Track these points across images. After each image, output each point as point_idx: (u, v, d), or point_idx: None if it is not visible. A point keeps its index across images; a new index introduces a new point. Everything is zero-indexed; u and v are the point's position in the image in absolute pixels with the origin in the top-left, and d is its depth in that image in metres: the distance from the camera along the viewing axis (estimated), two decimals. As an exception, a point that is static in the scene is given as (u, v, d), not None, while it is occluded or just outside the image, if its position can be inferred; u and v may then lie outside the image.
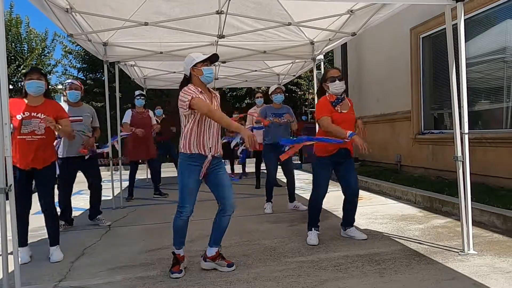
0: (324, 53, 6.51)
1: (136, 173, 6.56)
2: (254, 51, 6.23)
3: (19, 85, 12.02)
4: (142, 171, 8.71)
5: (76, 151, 4.39)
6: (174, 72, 7.99)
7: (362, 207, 4.02)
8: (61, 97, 5.05)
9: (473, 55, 6.03)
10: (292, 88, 15.12)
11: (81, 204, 6.05)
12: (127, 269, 3.24)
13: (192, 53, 3.09)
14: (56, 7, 4.07)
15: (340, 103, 3.61)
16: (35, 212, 3.64)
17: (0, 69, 2.41)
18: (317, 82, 9.22)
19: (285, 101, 5.32)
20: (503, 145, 5.46)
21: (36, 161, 3.41)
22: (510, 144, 5.35)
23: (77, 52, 14.15)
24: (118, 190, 6.17)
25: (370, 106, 9.05)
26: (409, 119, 7.68)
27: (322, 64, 6.96)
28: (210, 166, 3.01)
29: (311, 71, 7.10)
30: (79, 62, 14.46)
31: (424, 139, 7.29)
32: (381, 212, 4.99)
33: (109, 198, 6.06)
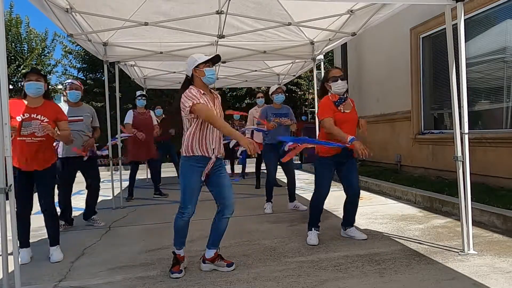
0: (324, 53, 6.51)
1: (136, 173, 6.56)
2: (254, 51, 6.23)
3: (19, 85, 12.02)
4: (142, 171, 8.70)
5: (69, 151, 4.37)
6: (174, 72, 8.00)
7: (362, 207, 4.03)
8: (61, 97, 5.05)
9: (473, 55, 6.03)
10: (292, 88, 15.11)
11: (81, 204, 6.00)
12: (127, 269, 3.24)
13: (194, 54, 3.07)
14: (56, 7, 4.07)
15: (343, 103, 3.60)
16: (35, 212, 3.63)
17: (0, 69, 2.40)
18: (317, 82, 9.23)
19: (285, 101, 5.32)
20: (503, 145, 5.46)
21: (36, 163, 3.41)
22: (510, 144, 5.35)
23: (77, 52, 14.14)
24: (118, 190, 6.17)
25: (370, 106, 9.05)
26: (409, 119, 7.68)
27: (322, 64, 6.96)
28: (213, 167, 3.02)
29: (311, 71, 7.09)
30: (79, 62, 14.45)
31: (424, 139, 7.29)
32: (381, 212, 4.99)
33: (109, 198, 6.06)
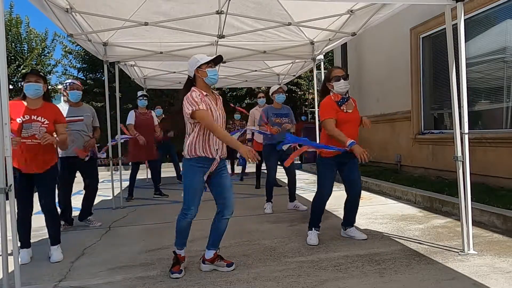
0: (324, 53, 6.51)
1: (137, 173, 6.56)
2: (254, 51, 6.23)
3: (19, 85, 12.02)
4: (142, 171, 8.70)
5: (72, 151, 4.37)
6: (174, 72, 8.00)
7: (362, 207, 4.03)
8: (61, 97, 5.04)
9: (473, 55, 6.03)
10: (292, 88, 15.12)
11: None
12: (127, 269, 3.24)
13: (196, 55, 3.05)
14: (56, 7, 4.07)
15: (345, 103, 3.59)
16: (35, 212, 3.63)
17: (0, 69, 2.40)
18: (317, 82, 9.22)
19: (285, 101, 5.32)
20: (503, 145, 5.46)
21: (36, 165, 3.39)
22: (510, 144, 5.35)
23: (77, 52, 14.15)
24: (118, 190, 6.17)
25: (370, 106, 9.05)
26: (409, 119, 7.68)
27: (322, 64, 6.96)
28: (216, 167, 3.02)
29: (311, 71, 7.10)
30: (79, 62, 14.46)
31: (424, 139, 7.29)
32: (381, 212, 4.99)
33: (109, 198, 6.06)
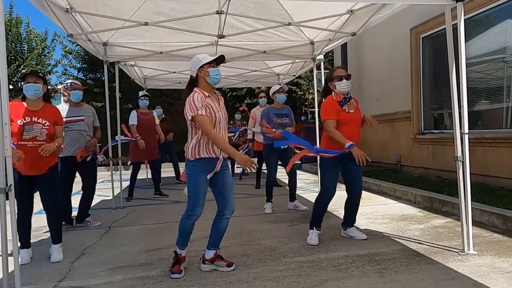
0: (324, 53, 6.51)
1: (138, 173, 6.56)
2: (254, 51, 6.23)
3: (19, 85, 12.01)
4: (142, 171, 8.69)
5: (73, 151, 4.37)
6: (174, 72, 8.00)
7: (362, 207, 4.03)
8: (61, 97, 5.04)
9: (473, 55, 6.03)
10: (292, 88, 15.12)
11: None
12: (127, 269, 3.24)
13: (198, 55, 3.04)
14: (56, 7, 4.07)
15: (347, 103, 3.59)
16: (35, 212, 3.63)
17: (0, 69, 2.40)
18: (317, 82, 9.21)
19: (285, 101, 5.32)
20: (503, 145, 5.46)
21: (37, 167, 3.38)
22: (510, 144, 5.35)
23: (77, 52, 14.14)
24: (118, 190, 6.17)
25: (370, 106, 9.05)
26: (409, 119, 7.68)
27: (322, 64, 6.96)
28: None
29: (311, 71, 7.09)
30: (79, 62, 14.44)
31: (424, 139, 7.29)
32: (381, 212, 4.99)
33: (109, 198, 6.06)
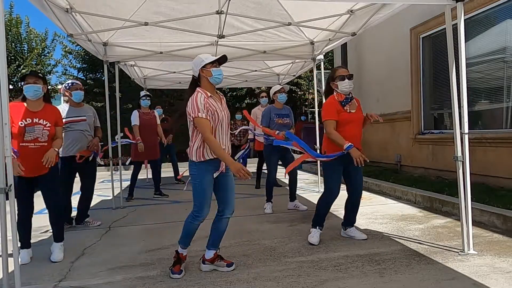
0: (324, 53, 6.51)
1: (138, 173, 6.56)
2: (254, 51, 6.23)
3: (19, 85, 12.00)
4: (142, 171, 8.70)
5: (75, 151, 4.37)
6: (174, 72, 8.00)
7: (362, 207, 4.03)
8: (61, 97, 5.04)
9: (473, 55, 6.03)
10: (292, 88, 15.13)
11: (81, 204, 6.05)
12: (127, 269, 3.24)
13: (201, 54, 3.03)
14: (56, 7, 4.07)
15: (349, 103, 3.59)
16: (35, 212, 3.63)
17: (0, 69, 2.40)
18: (317, 82, 9.20)
19: (285, 101, 5.31)
20: (503, 145, 5.46)
21: (39, 168, 3.38)
22: (510, 144, 5.35)
23: (77, 52, 14.14)
24: (118, 190, 6.17)
25: (370, 106, 9.04)
26: (409, 119, 7.68)
27: (322, 64, 6.96)
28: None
29: (311, 71, 7.09)
30: (79, 62, 14.45)
31: (424, 139, 7.29)
32: (381, 212, 4.99)
33: (109, 198, 6.06)
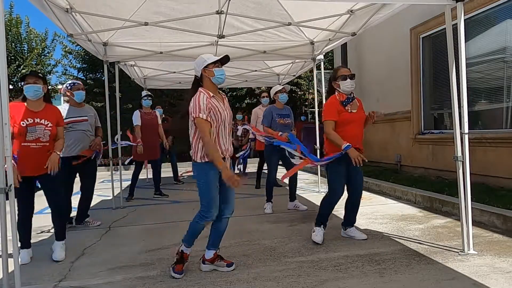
0: (324, 53, 6.51)
1: (140, 173, 6.55)
2: (254, 51, 6.23)
3: (19, 85, 12.01)
4: (142, 171, 8.71)
5: (78, 151, 4.37)
6: (174, 72, 8.00)
7: (362, 207, 4.03)
8: (61, 98, 5.04)
9: (473, 55, 6.03)
10: (292, 88, 15.14)
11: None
12: (127, 269, 3.24)
13: (203, 54, 3.03)
14: (56, 7, 4.07)
15: (350, 103, 3.60)
16: (35, 212, 3.63)
17: (0, 69, 2.40)
18: (317, 82, 9.19)
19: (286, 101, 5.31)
20: (503, 145, 5.46)
21: (39, 168, 3.37)
22: (510, 144, 5.35)
23: (77, 52, 14.15)
24: (118, 190, 6.17)
25: (370, 106, 9.04)
26: (409, 119, 7.68)
27: (322, 64, 6.95)
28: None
29: (311, 71, 7.08)
30: (79, 62, 14.46)
31: (424, 139, 7.29)
32: (381, 212, 4.99)
33: (109, 198, 6.06)
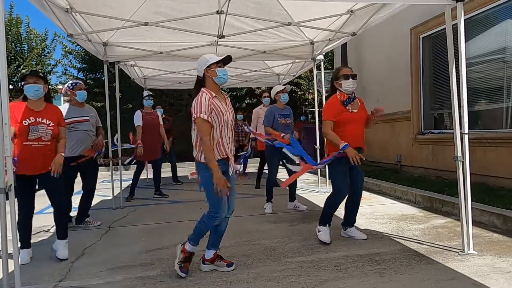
0: (324, 53, 6.51)
1: (141, 173, 6.54)
2: (254, 51, 6.23)
3: (19, 85, 12.00)
4: (142, 171, 8.71)
5: (80, 151, 4.37)
6: (174, 72, 8.00)
7: (362, 207, 4.03)
8: (61, 98, 5.03)
9: (473, 55, 6.03)
10: (292, 88, 15.14)
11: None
12: (127, 269, 3.24)
13: (205, 55, 3.04)
14: (56, 7, 4.07)
15: (351, 102, 3.61)
16: (36, 212, 3.63)
17: (0, 69, 2.40)
18: (317, 82, 9.18)
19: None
20: (503, 145, 5.46)
21: (40, 168, 3.38)
22: (510, 144, 5.35)
23: (77, 52, 14.15)
24: (118, 190, 6.17)
25: (370, 106, 9.03)
26: (409, 119, 7.68)
27: (322, 64, 6.95)
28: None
29: (311, 71, 7.08)
30: (79, 62, 14.45)
31: (424, 139, 7.29)
32: (381, 212, 4.99)
33: (109, 198, 6.05)
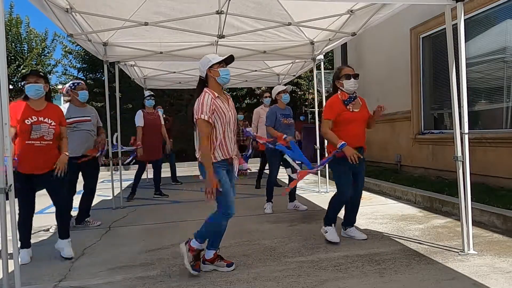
0: (324, 53, 6.51)
1: (143, 173, 6.54)
2: (254, 51, 6.23)
3: (19, 85, 12.02)
4: (142, 171, 8.72)
5: (83, 151, 4.37)
6: (174, 72, 8.00)
7: (362, 207, 4.03)
8: (61, 98, 5.03)
9: (473, 55, 6.03)
10: (292, 88, 15.15)
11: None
12: (127, 269, 3.24)
13: (208, 55, 3.04)
14: (56, 7, 4.07)
15: (352, 102, 3.62)
16: (36, 212, 3.63)
17: (0, 69, 2.40)
18: (317, 82, 9.18)
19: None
20: (503, 145, 5.46)
21: (41, 167, 3.37)
22: (510, 144, 5.35)
23: (77, 52, 14.16)
24: (118, 190, 6.17)
25: (370, 106, 9.03)
26: (409, 119, 7.68)
27: (322, 64, 6.96)
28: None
29: (311, 71, 7.08)
30: (79, 62, 14.47)
31: (424, 139, 7.29)
32: (381, 212, 4.99)
33: (109, 198, 6.05)
